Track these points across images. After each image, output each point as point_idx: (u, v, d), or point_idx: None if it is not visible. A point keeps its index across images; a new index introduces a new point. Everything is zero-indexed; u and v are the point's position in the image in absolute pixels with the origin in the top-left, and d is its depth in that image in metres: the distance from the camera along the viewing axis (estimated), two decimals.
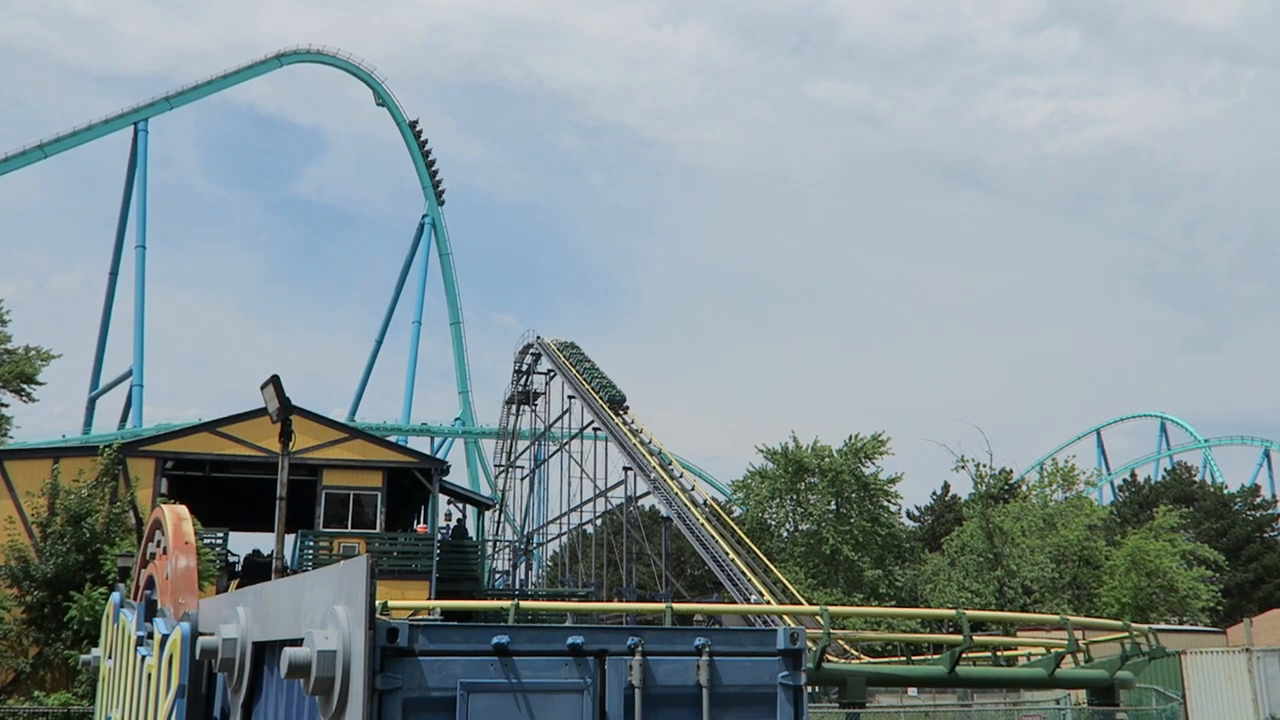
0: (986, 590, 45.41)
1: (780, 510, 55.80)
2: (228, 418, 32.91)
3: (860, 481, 53.71)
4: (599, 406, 54.18)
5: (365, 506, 33.45)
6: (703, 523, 45.02)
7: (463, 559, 35.61)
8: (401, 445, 44.46)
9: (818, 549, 52.32)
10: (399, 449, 37.06)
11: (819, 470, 53.40)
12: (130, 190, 79.74)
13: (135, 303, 77.49)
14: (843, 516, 53.41)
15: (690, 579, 69.21)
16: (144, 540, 9.29)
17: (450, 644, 3.98)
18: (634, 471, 50.44)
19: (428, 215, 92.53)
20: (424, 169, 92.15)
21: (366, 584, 3.72)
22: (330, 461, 32.87)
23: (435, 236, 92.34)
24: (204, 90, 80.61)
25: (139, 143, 78.79)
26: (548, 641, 4.18)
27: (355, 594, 3.80)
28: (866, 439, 54.57)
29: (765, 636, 4.64)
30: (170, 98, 79.20)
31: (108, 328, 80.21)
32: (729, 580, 41.74)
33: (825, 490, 53.37)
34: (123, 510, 28.04)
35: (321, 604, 4.12)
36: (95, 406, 79.70)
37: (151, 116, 78.87)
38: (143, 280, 77.86)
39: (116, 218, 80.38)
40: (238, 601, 5.75)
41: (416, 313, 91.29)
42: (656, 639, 4.40)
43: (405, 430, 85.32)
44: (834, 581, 51.00)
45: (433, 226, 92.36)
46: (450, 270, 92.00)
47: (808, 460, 53.69)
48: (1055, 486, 51.05)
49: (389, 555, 32.84)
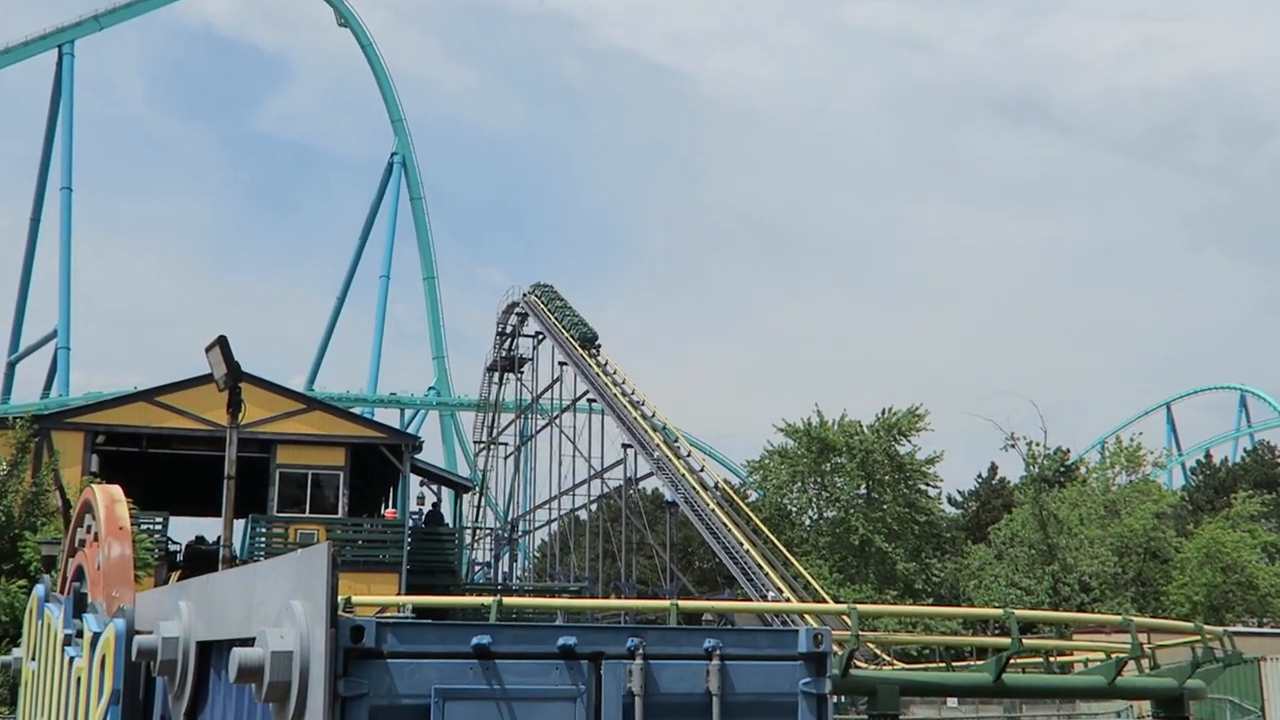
0: (1039, 587, 45.66)
1: (802, 495, 56.04)
2: (168, 385, 32.95)
3: (894, 462, 53.89)
4: (595, 374, 54.26)
5: (325, 488, 33.52)
6: (713, 509, 45.20)
7: (438, 549, 35.78)
8: (367, 418, 44.62)
9: (845, 539, 52.56)
10: (365, 422, 37.11)
11: (847, 449, 53.55)
12: (54, 124, 79.53)
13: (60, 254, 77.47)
14: (874, 502, 53.62)
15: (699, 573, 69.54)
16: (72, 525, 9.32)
17: (424, 645, 3.98)
18: (635, 449, 50.60)
19: (397, 153, 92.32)
20: (392, 97, 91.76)
21: (328, 576, 3.72)
22: (285, 436, 32.94)
23: (406, 178, 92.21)
24: (140, 7, 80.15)
25: (63, 69, 78.45)
26: (535, 643, 4.18)
27: (315, 587, 3.80)
28: (901, 413, 54.72)
29: (785, 638, 4.63)
30: (100, 16, 78.81)
31: (29, 283, 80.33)
32: (743, 574, 41.98)
33: (854, 472, 53.59)
34: (44, 490, 28.10)
35: (276, 599, 4.13)
36: (15, 372, 79.92)
37: (78, 38, 78.52)
38: (69, 227, 77.78)
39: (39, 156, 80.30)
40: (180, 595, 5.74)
41: (384, 266, 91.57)
42: (660, 640, 4.40)
43: (372, 401, 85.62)
44: (863, 576, 51.29)
45: (403, 166, 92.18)
46: (423, 216, 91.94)
47: (834, 438, 53.82)
48: (1119, 468, 51.22)
49: (353, 544, 32.98)
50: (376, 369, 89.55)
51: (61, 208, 77.99)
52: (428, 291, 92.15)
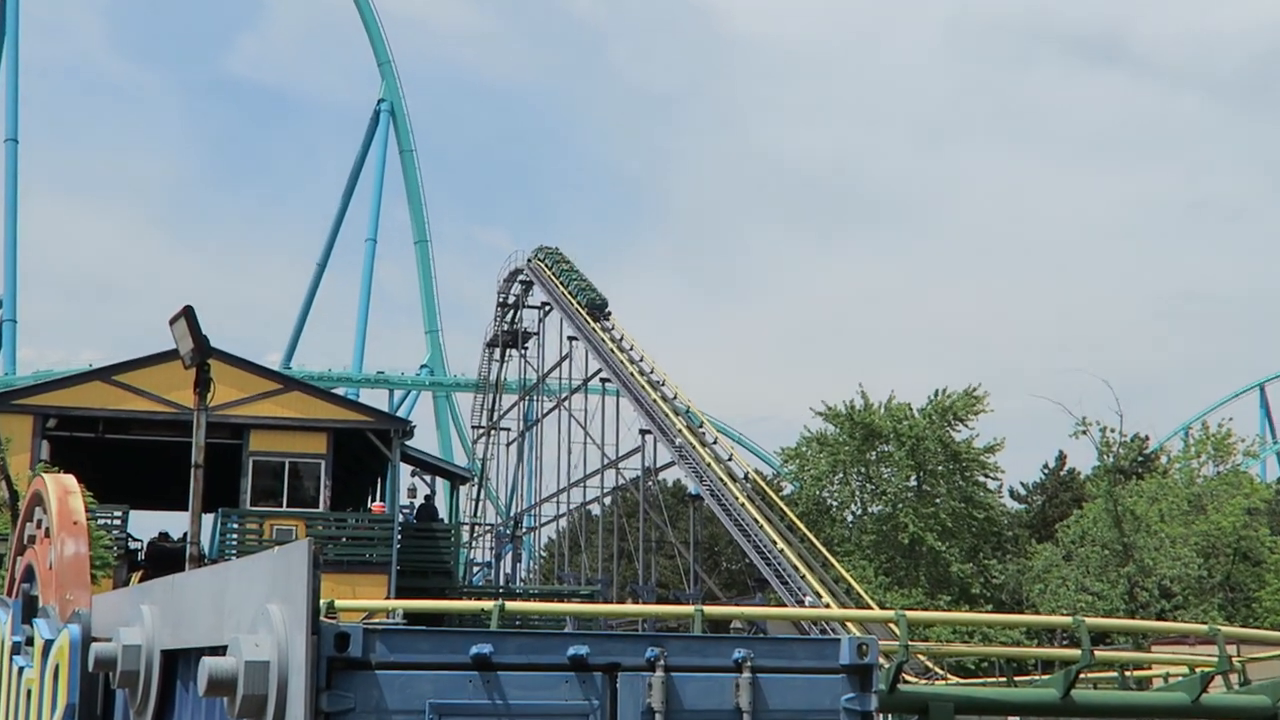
0: (1112, 592, 45.59)
1: (844, 487, 56.10)
2: (127, 362, 33.08)
3: (949, 450, 53.90)
4: (609, 350, 54.34)
5: (305, 478, 33.68)
6: (743, 503, 45.32)
7: (431, 547, 35.95)
8: (352, 400, 44.74)
9: (892, 537, 52.61)
10: (349, 404, 37.21)
11: (895, 435, 53.58)
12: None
13: (5, 214, 77.81)
14: (925, 496, 53.64)
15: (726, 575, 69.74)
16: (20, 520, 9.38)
17: (417, 654, 4.01)
18: (654, 436, 50.73)
19: (385, 100, 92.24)
20: (379, 36, 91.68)
21: (308, 577, 3.76)
22: (260, 420, 33.06)
23: (395, 128, 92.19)
24: None
25: (7, 7, 78.67)
26: (542, 652, 4.21)
27: (294, 589, 3.84)
28: (957, 395, 54.69)
29: (825, 648, 4.64)
30: None
31: None
32: (776, 577, 42.12)
33: (903, 462, 53.58)
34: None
35: (250, 602, 4.18)
36: None
37: None
38: (14, 184, 78.11)
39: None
40: (142, 599, 5.80)
41: (370, 228, 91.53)
42: (683, 650, 4.42)
43: (357, 381, 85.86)
44: (913, 579, 51.37)
45: (391, 115, 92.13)
46: (415, 172, 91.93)
47: (880, 423, 53.85)
48: (1205, 458, 51.01)
49: (336, 541, 33.15)
50: (362, 345, 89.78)
51: (6, 162, 78.26)
52: (420, 257, 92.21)
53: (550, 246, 66.02)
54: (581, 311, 57.34)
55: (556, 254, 64.53)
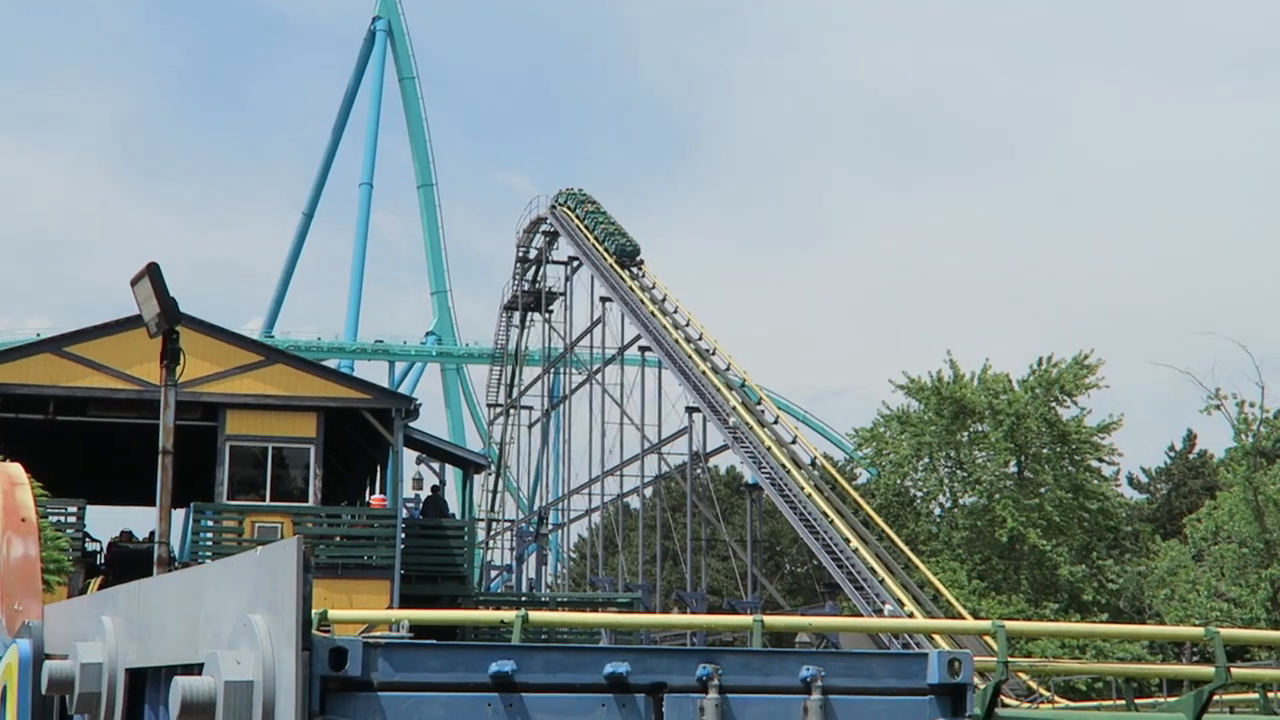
0: (1252, 598, 45.39)
1: (930, 475, 56.05)
2: (82, 331, 33.26)
3: (1055, 430, 53.66)
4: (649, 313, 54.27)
5: (291, 467, 33.86)
6: (809, 493, 45.33)
7: (441, 547, 36.12)
8: (346, 374, 44.89)
9: (988, 534, 52.46)
10: (343, 379, 37.30)
11: (991, 412, 53.34)
12: None
13: None
14: (1028, 484, 53.43)
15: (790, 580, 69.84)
16: None
17: (426, 672, 4.02)
18: (703, 414, 50.68)
19: (381, 17, 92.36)
20: None
21: (298, 582, 3.76)
22: (238, 398, 33.17)
23: (394, 51, 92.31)
24: None
25: None
26: (574, 670, 4.23)
27: (280, 597, 3.85)
28: (1065, 364, 54.35)
29: (910, 665, 4.65)
30: None
31: None
32: (850, 581, 42.12)
33: (1000, 444, 53.31)
34: None
35: (229, 612, 4.20)
36: None
37: None
38: None
39: None
40: (103, 609, 5.80)
41: (365, 171, 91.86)
42: (741, 667, 4.44)
43: (351, 351, 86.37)
44: (1014, 584, 51.22)
45: (389, 36, 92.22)
46: (417, 103, 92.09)
47: (973, 397, 53.65)
48: None
49: (329, 541, 33.25)
50: (357, 309, 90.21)
51: None
52: (424, 204, 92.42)
53: (576, 189, 66.27)
54: (616, 267, 57.31)
55: (582, 196, 64.89)
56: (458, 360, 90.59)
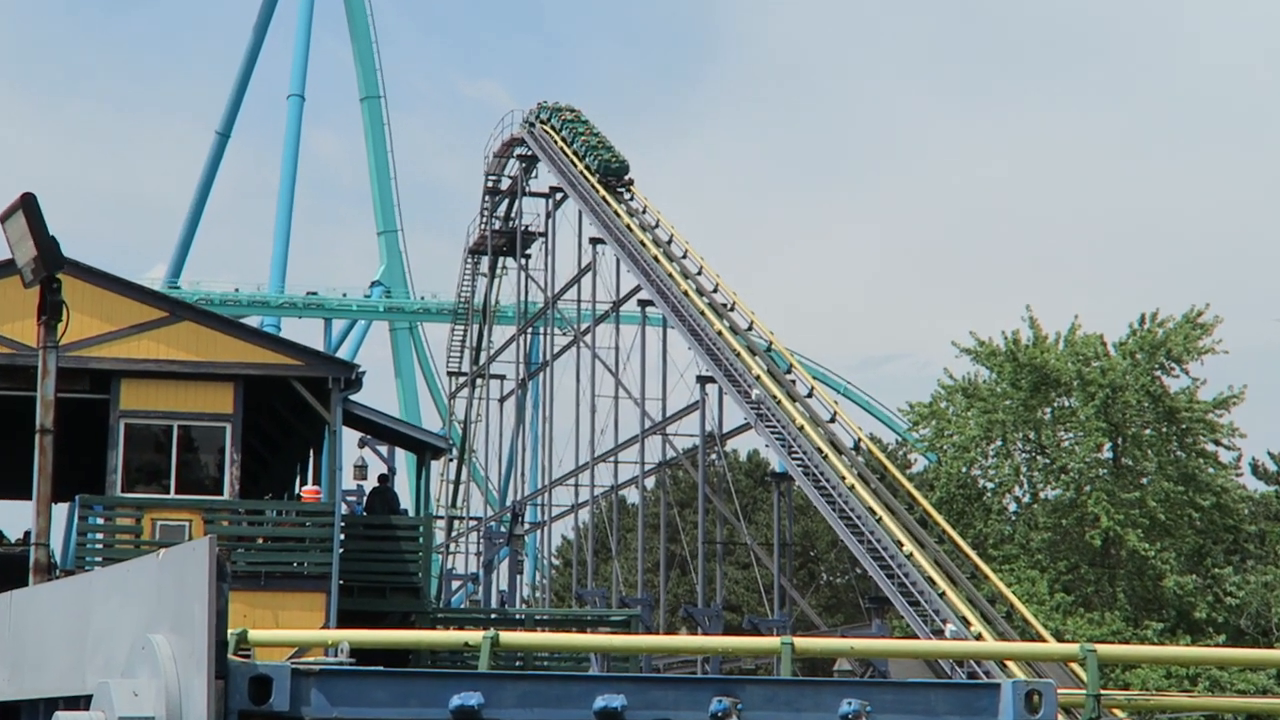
0: None
1: (1004, 462, 52.98)
2: None
3: (1161, 406, 49.68)
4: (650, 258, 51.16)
5: (202, 451, 32.14)
6: (852, 484, 41.93)
7: (390, 551, 33.99)
8: (271, 333, 43.96)
9: (1077, 536, 50.25)
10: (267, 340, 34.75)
11: (1080, 384, 49.84)
12: None
13: None
14: (1126, 473, 50.68)
15: (827, 592, 68.77)
16: None
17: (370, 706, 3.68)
18: (719, 386, 48.34)
19: None
20: None
21: (210, 594, 3.40)
22: (136, 365, 30.83)
23: None
24: None
25: None
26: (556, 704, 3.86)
27: (189, 613, 3.46)
28: (1174, 323, 50.39)
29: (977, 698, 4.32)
30: None
31: None
32: (902, 594, 38.74)
33: (1092, 423, 49.40)
34: None
35: (125, 632, 3.81)
36: None
37: None
38: None
39: None
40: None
41: (295, 80, 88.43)
42: (767, 700, 4.06)
43: (278, 306, 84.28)
44: (1107, 598, 48.96)
45: None
46: None
47: (1058, 364, 50.06)
48: None
49: (250, 543, 31.65)
50: (285, 253, 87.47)
51: None
52: (369, 121, 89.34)
53: (559, 103, 63.05)
54: (610, 200, 54.17)
55: (568, 112, 61.83)
56: (411, 317, 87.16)
